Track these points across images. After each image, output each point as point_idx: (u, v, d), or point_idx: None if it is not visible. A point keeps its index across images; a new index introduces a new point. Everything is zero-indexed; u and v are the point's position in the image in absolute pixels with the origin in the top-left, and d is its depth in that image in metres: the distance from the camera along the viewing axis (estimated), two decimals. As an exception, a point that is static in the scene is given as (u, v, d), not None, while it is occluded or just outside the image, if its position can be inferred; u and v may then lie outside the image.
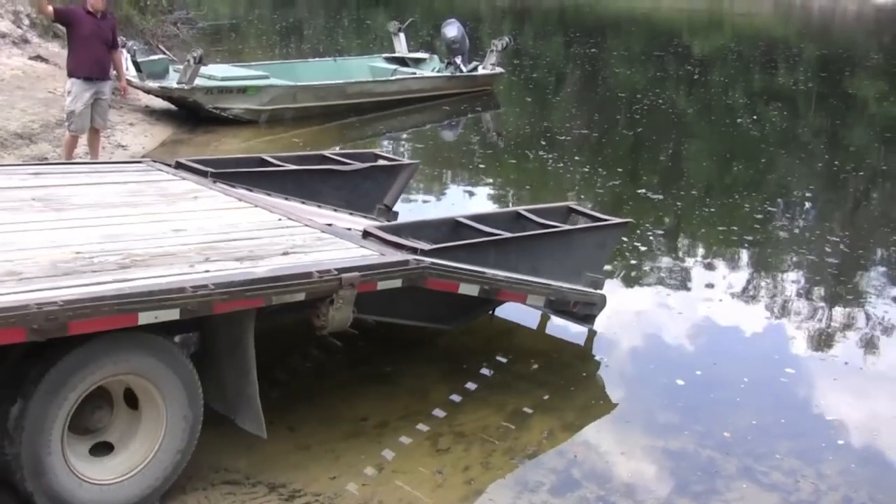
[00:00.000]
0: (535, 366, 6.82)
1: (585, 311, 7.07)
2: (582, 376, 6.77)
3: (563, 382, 6.61)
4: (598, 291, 7.18)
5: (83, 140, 10.51)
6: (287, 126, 14.22)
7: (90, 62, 10.13)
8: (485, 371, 6.66)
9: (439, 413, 5.97)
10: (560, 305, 6.83)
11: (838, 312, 8.59)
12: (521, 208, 7.48)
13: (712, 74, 24.31)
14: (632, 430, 6.13)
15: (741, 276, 9.43)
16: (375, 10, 33.22)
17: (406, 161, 9.07)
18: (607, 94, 20.55)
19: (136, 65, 13.88)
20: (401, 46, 18.61)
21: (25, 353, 4.32)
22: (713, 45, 31.22)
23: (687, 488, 5.50)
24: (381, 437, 5.66)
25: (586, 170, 13.44)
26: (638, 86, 21.26)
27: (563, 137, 15.38)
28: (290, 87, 14.67)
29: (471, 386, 6.39)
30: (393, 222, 7.22)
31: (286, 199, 7.23)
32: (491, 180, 12.68)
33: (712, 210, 11.72)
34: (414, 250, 5.74)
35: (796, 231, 11.30)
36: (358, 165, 8.30)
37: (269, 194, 7.23)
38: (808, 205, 12.81)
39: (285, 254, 5.42)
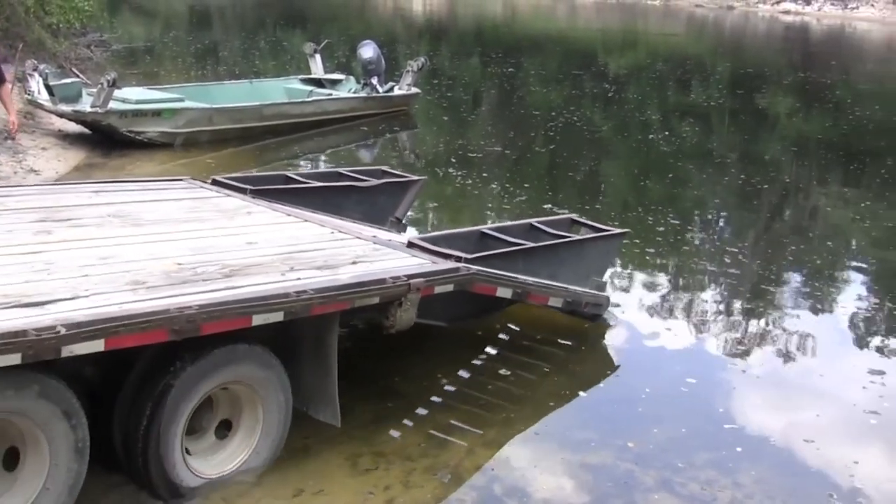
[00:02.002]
0: (445, 382, 6.85)
1: (594, 310, 7.90)
2: (495, 393, 6.81)
3: (480, 399, 6.66)
4: (604, 294, 8.10)
5: None
6: (203, 149, 14.09)
7: None
8: (402, 390, 6.67)
9: (358, 433, 5.97)
10: (574, 306, 7.61)
11: (737, 323, 8.84)
12: (533, 220, 8.36)
13: (627, 92, 24.62)
14: (546, 444, 6.22)
15: (640, 288, 9.58)
16: (292, 32, 33.09)
17: (415, 177, 9.67)
18: (522, 112, 20.70)
19: (49, 88, 13.66)
20: (317, 68, 18.54)
21: (152, 360, 4.94)
22: (628, 63, 31.63)
23: (606, 502, 5.60)
24: (302, 459, 5.65)
25: (495, 186, 13.55)
26: (554, 104, 21.47)
27: (477, 155, 15.47)
28: (205, 110, 14.54)
29: (388, 405, 6.41)
30: (430, 234, 7.88)
31: (313, 212, 7.65)
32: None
33: (616, 224, 11.84)
34: (459, 258, 6.46)
35: (698, 243, 11.55)
36: (374, 182, 9.03)
37: (300, 208, 7.66)
38: (711, 217, 13.10)
39: (354, 263, 6.07)
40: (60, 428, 4.55)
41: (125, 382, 4.98)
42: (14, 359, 4.14)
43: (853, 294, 9.83)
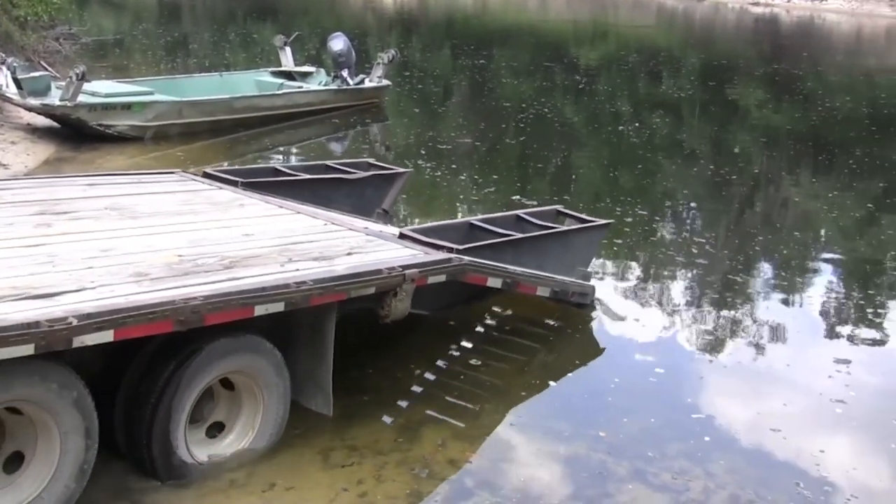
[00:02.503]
0: (418, 374, 6.88)
1: (580, 300, 8.14)
2: (467, 385, 6.84)
3: (453, 391, 6.69)
4: (589, 283, 8.35)
5: None
6: (173, 142, 14.01)
7: None
8: (375, 384, 6.67)
9: (331, 426, 5.97)
10: (562, 295, 7.83)
11: (705, 313, 8.93)
12: (519, 212, 8.59)
13: (598, 84, 24.70)
14: (519, 436, 6.25)
15: (607, 279, 9.57)
16: (262, 25, 32.96)
17: (401, 169, 9.87)
18: (493, 104, 20.73)
19: (17, 82, 13.55)
20: (287, 60, 18.48)
21: (156, 351, 5.10)
22: (599, 55, 31.70)
23: (580, 492, 5.63)
24: (274, 452, 5.65)
25: (464, 177, 13.56)
26: (525, 96, 21.49)
27: (446, 147, 15.49)
28: (175, 103, 14.47)
29: (364, 398, 6.41)
30: (420, 226, 8.01)
31: (303, 204, 7.78)
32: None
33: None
34: (450, 249, 6.59)
35: (666, 234, 11.63)
36: (363, 174, 9.22)
37: (290, 200, 7.80)
38: (680, 208, 13.18)
39: (349, 254, 6.21)
40: (77, 444, 4.67)
41: (140, 352, 5.12)
42: (27, 349, 4.24)
43: (820, 284, 9.94)
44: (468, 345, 7.46)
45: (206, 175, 8.33)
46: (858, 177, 15.28)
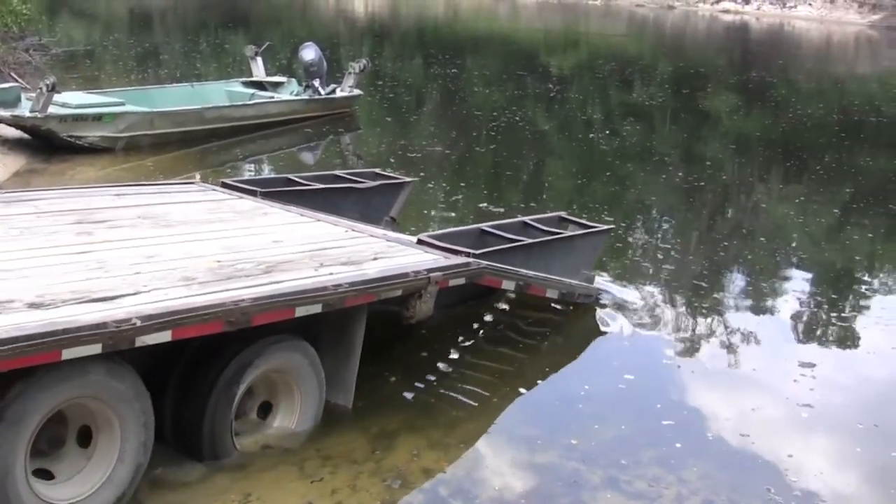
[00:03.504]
0: (393, 380, 6.91)
1: (585, 301, 8.57)
2: (440, 393, 6.88)
3: (426, 400, 6.73)
4: (594, 286, 8.81)
5: None
6: (144, 153, 13.97)
7: None
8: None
9: (305, 436, 5.98)
10: (569, 297, 8.23)
11: (672, 319, 9.00)
12: (526, 218, 8.93)
13: (570, 92, 24.79)
14: (493, 445, 6.28)
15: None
16: (233, 34, 32.89)
17: (407, 179, 10.16)
18: (465, 112, 20.74)
19: (-14, 94, 13.51)
20: (258, 70, 18.46)
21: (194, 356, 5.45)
22: (570, 63, 31.81)
23: (554, 501, 5.68)
24: (247, 464, 5.64)
25: (431, 185, 13.55)
26: (496, 104, 21.55)
27: (417, 155, 15.51)
28: (146, 114, 14.42)
29: (333, 409, 6.38)
30: (436, 232, 8.12)
31: (316, 212, 7.99)
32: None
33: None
34: (468, 254, 6.89)
35: (633, 240, 11.66)
36: (372, 183, 9.52)
37: (304, 209, 8.03)
38: (648, 215, 13.25)
39: (376, 259, 6.51)
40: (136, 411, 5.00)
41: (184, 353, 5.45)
42: (95, 349, 4.53)
43: (786, 289, 10.04)
44: (442, 353, 7.48)
45: (224, 185, 8.61)
46: (827, 183, 15.41)
